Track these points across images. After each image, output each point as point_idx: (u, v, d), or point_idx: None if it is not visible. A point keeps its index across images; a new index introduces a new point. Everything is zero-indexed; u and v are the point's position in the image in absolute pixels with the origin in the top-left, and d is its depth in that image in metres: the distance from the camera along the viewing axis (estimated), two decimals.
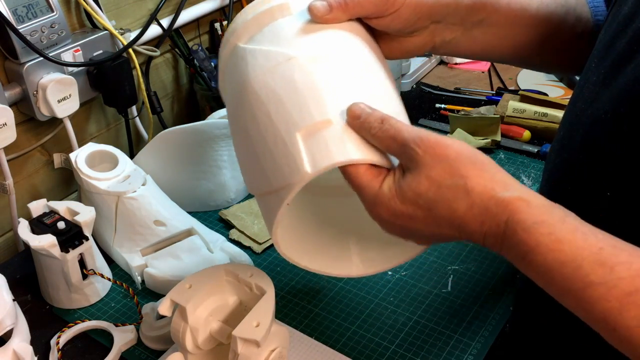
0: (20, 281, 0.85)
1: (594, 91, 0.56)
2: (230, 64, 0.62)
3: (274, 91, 0.54)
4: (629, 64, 0.52)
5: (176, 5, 1.07)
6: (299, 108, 0.52)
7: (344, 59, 0.56)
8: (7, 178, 0.88)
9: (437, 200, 0.47)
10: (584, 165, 0.56)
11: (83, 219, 0.77)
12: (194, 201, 0.97)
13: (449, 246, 0.88)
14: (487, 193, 0.45)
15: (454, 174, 0.46)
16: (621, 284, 0.41)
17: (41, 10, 0.86)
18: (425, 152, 0.47)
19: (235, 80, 0.60)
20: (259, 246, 0.89)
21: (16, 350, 0.70)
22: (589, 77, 0.58)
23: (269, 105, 0.54)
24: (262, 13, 0.60)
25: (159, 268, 0.83)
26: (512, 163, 1.06)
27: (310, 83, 0.53)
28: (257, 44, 0.59)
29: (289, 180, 0.51)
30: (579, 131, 0.57)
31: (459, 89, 1.30)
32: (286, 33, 0.58)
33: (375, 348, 0.74)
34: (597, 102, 0.55)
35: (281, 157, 0.52)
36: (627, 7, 0.55)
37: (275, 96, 0.54)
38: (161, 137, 0.92)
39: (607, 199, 0.53)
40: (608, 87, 0.54)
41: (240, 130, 0.58)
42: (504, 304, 0.79)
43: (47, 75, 0.88)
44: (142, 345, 0.75)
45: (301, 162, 0.50)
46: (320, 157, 0.49)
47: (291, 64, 0.55)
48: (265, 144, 0.53)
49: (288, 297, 0.82)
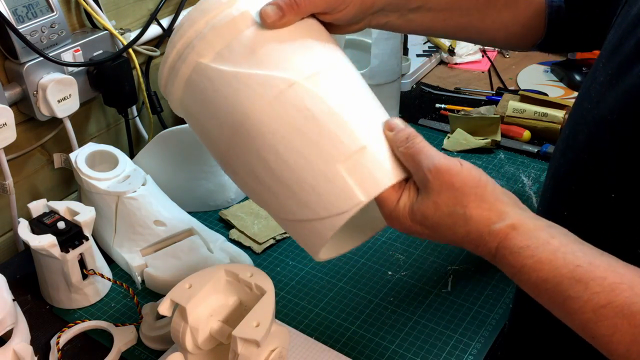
0: (20, 281, 0.85)
1: (600, 91, 0.56)
2: (199, 84, 0.58)
3: (291, 124, 0.54)
4: (635, 65, 0.52)
5: (176, 5, 1.07)
6: (329, 140, 0.54)
7: (337, 71, 0.58)
8: (7, 178, 0.88)
9: (440, 224, 0.52)
10: (588, 165, 0.56)
11: (83, 219, 0.77)
12: (194, 201, 0.97)
13: (449, 246, 0.88)
14: (483, 222, 0.51)
15: (456, 203, 0.51)
16: (595, 297, 0.46)
17: (41, 10, 0.86)
18: (435, 178, 0.51)
19: (220, 107, 0.57)
20: (259, 246, 0.89)
21: (16, 350, 0.70)
22: (596, 77, 0.58)
23: (292, 139, 0.54)
24: (224, 25, 0.57)
25: (159, 268, 0.83)
26: (512, 163, 1.06)
27: (327, 109, 0.55)
28: (233, 65, 0.56)
29: (341, 209, 0.53)
30: (583, 131, 0.57)
31: (459, 89, 1.30)
32: (263, 50, 0.57)
33: (375, 348, 0.74)
34: (602, 103, 0.55)
35: (326, 189, 0.54)
36: (637, 7, 0.55)
37: (295, 129, 0.54)
38: (161, 137, 0.92)
39: (610, 199, 0.53)
40: (614, 88, 0.54)
41: (251, 160, 0.57)
42: (504, 304, 0.79)
43: (47, 75, 0.88)
44: (142, 345, 0.75)
45: (352, 192, 0.53)
46: (369, 184, 0.53)
47: (295, 90, 0.55)
48: (300, 177, 0.54)
49: (288, 297, 0.82)
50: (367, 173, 0.53)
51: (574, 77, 1.29)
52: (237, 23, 0.58)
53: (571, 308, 0.47)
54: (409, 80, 1.30)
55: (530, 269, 0.49)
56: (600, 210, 0.56)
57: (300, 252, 0.89)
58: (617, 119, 0.53)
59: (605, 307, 0.45)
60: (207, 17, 0.58)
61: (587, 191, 0.57)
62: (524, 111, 1.11)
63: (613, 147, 0.53)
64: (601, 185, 0.55)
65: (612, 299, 0.45)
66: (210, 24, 0.58)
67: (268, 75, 0.56)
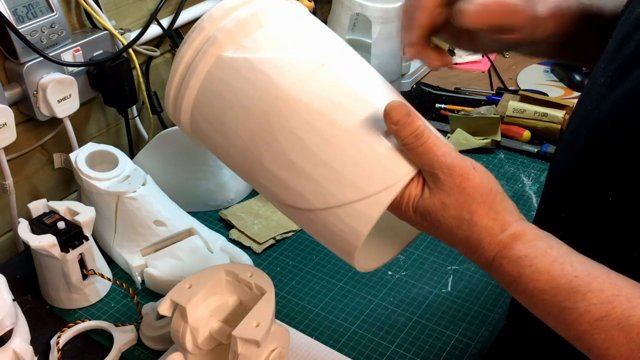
0: (20, 281, 0.85)
1: (600, 93, 0.56)
2: (222, 77, 0.57)
3: (331, 100, 0.54)
4: (635, 68, 0.51)
5: (176, 5, 1.07)
6: (372, 114, 0.53)
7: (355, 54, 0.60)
8: (7, 178, 0.88)
9: (443, 223, 0.52)
10: (586, 167, 0.56)
11: (83, 219, 0.77)
12: (194, 201, 0.97)
13: (449, 246, 0.88)
14: (486, 231, 0.51)
15: (464, 208, 0.51)
16: (592, 309, 0.45)
17: (41, 10, 0.86)
18: (447, 179, 0.51)
19: (249, 96, 0.56)
20: (259, 246, 0.89)
21: (16, 350, 0.70)
22: (597, 79, 0.57)
23: (333, 115, 0.53)
24: (247, 18, 0.58)
25: (159, 268, 0.83)
26: (512, 163, 1.06)
27: (365, 84, 0.55)
28: (261, 53, 0.56)
29: (390, 182, 0.52)
30: (583, 133, 0.57)
31: (459, 89, 1.30)
32: (288, 38, 0.57)
33: (375, 348, 0.74)
34: (602, 105, 0.55)
35: (373, 163, 0.52)
36: (639, 8, 0.54)
37: (336, 105, 0.54)
38: (161, 137, 0.92)
39: (608, 202, 0.53)
40: (614, 90, 0.54)
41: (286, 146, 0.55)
42: (504, 304, 0.79)
43: (47, 75, 0.88)
44: (142, 345, 0.75)
45: (401, 162, 0.52)
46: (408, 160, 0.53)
47: (330, 68, 0.55)
48: (344, 154, 0.53)
49: (288, 297, 0.82)
50: None
51: (574, 77, 1.29)
52: (258, 17, 0.58)
53: (568, 319, 0.47)
54: (409, 80, 1.30)
55: (528, 278, 0.48)
56: (597, 213, 0.55)
57: (300, 252, 0.89)
58: (616, 122, 0.52)
59: (602, 320, 0.45)
60: (228, 12, 0.58)
61: (585, 193, 0.57)
62: (524, 111, 1.11)
63: (611, 149, 0.53)
64: (599, 188, 0.54)
65: (609, 311, 0.45)
66: (233, 16, 0.58)
67: (301, 55, 0.56)
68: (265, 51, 0.56)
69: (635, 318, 0.44)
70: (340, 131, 0.53)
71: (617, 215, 0.53)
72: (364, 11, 1.14)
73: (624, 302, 0.45)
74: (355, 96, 0.54)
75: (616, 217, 0.53)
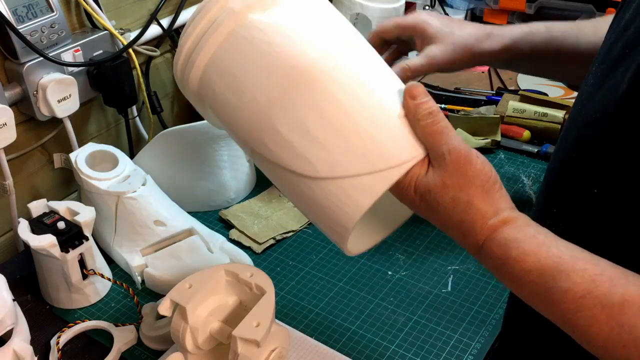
0: (20, 281, 0.85)
1: (589, 92, 0.58)
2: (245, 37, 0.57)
3: (354, 75, 0.56)
4: (620, 65, 0.54)
5: (176, 5, 1.07)
6: (390, 94, 0.56)
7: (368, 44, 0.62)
8: (7, 178, 0.88)
9: (440, 203, 0.53)
10: (575, 165, 0.58)
11: (83, 219, 0.77)
12: (194, 201, 0.97)
13: (449, 246, 0.88)
14: (480, 214, 0.52)
15: (463, 190, 0.52)
16: (575, 287, 0.47)
17: (41, 10, 0.86)
18: (452, 161, 0.53)
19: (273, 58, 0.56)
20: (259, 246, 0.89)
21: (16, 350, 0.70)
22: (588, 80, 0.60)
23: (356, 90, 0.55)
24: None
25: (159, 268, 0.83)
26: (512, 163, 1.06)
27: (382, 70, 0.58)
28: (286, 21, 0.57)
29: (402, 159, 0.54)
30: (573, 131, 0.60)
31: (459, 89, 1.30)
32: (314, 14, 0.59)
33: (375, 348, 0.74)
34: (590, 103, 0.57)
35: (387, 139, 0.54)
36: (629, 13, 0.57)
37: (359, 82, 0.55)
38: (161, 137, 0.92)
39: (593, 194, 0.55)
40: (601, 89, 0.56)
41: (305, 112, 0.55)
42: (504, 304, 0.79)
43: (47, 75, 0.88)
44: (142, 345, 0.75)
45: (414, 143, 0.54)
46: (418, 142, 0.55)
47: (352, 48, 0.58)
48: (361, 127, 0.54)
49: (288, 297, 0.82)
50: None
51: None
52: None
53: (552, 299, 0.48)
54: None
55: (515, 260, 0.50)
56: (584, 206, 0.57)
57: (300, 252, 0.89)
58: (601, 119, 0.54)
59: (585, 298, 0.46)
60: None
61: (573, 188, 0.59)
62: (524, 111, 1.11)
63: (596, 144, 0.55)
64: (585, 181, 0.57)
65: (591, 290, 0.46)
66: None
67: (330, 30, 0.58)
68: (291, 20, 0.58)
69: (616, 296, 0.45)
70: (360, 106, 0.55)
71: (602, 207, 0.55)
72: (364, 11, 1.14)
73: (606, 282, 0.46)
74: (377, 76, 0.57)
75: (601, 209, 0.55)
